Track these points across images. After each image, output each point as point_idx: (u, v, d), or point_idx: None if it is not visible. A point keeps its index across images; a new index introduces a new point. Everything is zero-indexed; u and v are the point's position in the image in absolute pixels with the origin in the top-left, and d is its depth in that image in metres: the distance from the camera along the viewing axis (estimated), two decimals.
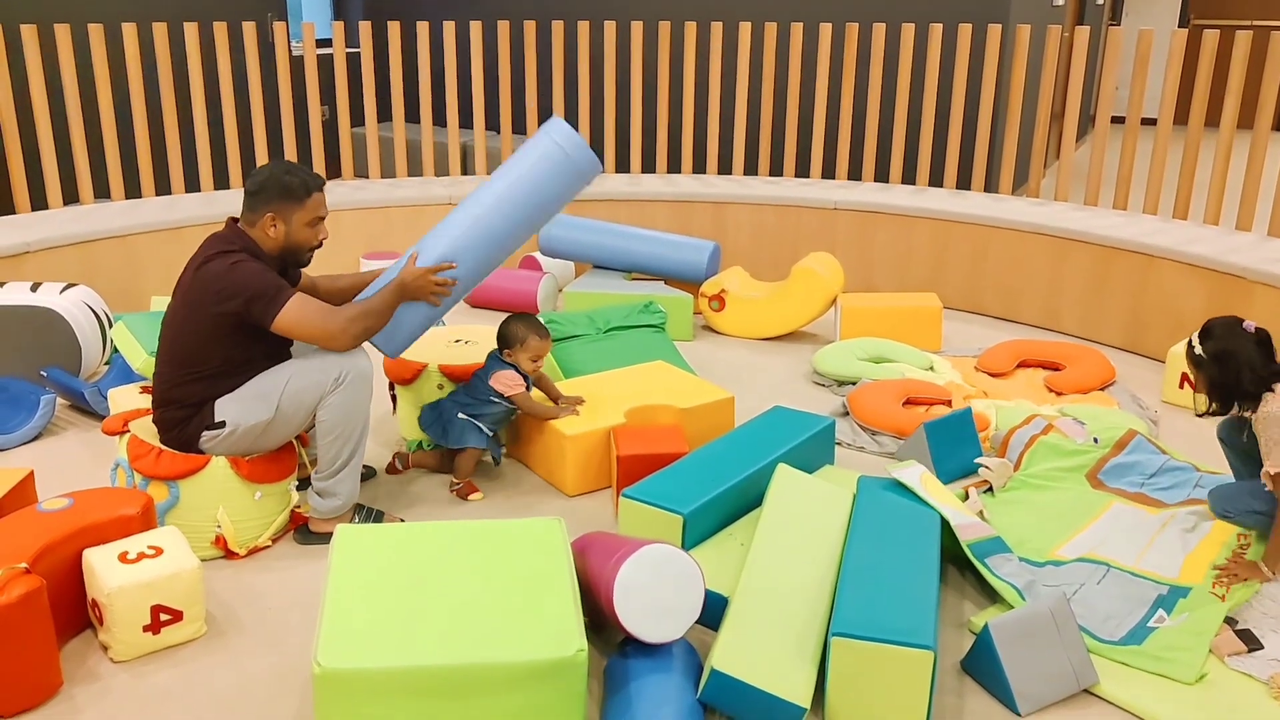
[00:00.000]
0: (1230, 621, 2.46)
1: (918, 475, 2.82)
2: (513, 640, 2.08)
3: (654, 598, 2.22)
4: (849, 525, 2.65)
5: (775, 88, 5.77)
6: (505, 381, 3.18)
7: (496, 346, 3.29)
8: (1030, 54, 6.24)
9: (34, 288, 3.97)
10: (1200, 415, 2.86)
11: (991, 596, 2.65)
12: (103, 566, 2.40)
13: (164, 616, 2.42)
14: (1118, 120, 5.62)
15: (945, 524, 2.69)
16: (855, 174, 5.94)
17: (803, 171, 6.05)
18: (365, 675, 1.99)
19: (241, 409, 2.75)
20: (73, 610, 2.48)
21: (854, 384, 4.06)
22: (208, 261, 2.72)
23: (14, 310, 3.84)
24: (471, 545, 2.38)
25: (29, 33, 4.68)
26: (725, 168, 6.24)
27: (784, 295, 4.65)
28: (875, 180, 5.70)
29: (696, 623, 2.29)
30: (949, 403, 3.82)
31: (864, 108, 5.72)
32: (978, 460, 3.23)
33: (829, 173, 5.97)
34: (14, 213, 4.84)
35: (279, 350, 2.84)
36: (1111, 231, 4.55)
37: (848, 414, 3.79)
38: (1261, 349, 2.71)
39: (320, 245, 2.86)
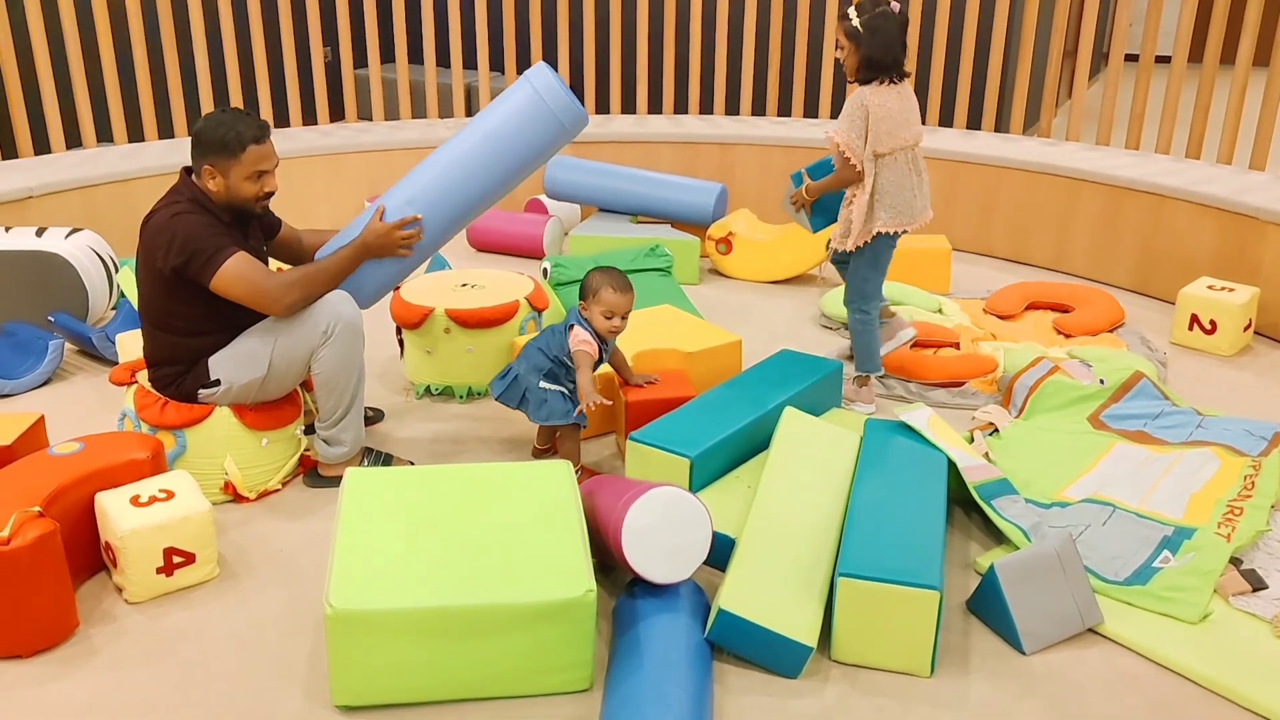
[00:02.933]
0: (1235, 562, 2.47)
1: (925, 418, 2.82)
2: (522, 581, 2.10)
3: (662, 539, 2.24)
4: (855, 467, 2.66)
5: (784, 26, 5.68)
6: (576, 338, 2.86)
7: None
8: None
9: (39, 233, 3.96)
10: (850, 80, 3.22)
11: (997, 537, 2.67)
12: (115, 510, 2.42)
13: (176, 559, 2.45)
14: (1131, 58, 5.52)
15: (952, 466, 2.69)
16: None
17: (811, 112, 5.97)
18: (376, 616, 2.02)
19: (235, 367, 2.75)
20: (86, 553, 2.50)
21: None
22: (154, 214, 2.68)
23: (20, 255, 3.84)
24: (480, 488, 2.40)
25: None
26: (732, 108, 6.17)
27: (792, 239, 4.62)
28: None
29: (704, 564, 2.32)
30: (957, 345, 3.81)
31: None
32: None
33: (838, 113, 5.89)
34: (17, 157, 4.81)
35: (210, 304, 2.73)
36: (1122, 171, 4.50)
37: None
38: (901, 31, 3.13)
39: (268, 197, 2.75)
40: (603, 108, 6.29)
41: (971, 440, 3.06)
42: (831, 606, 2.22)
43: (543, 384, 2.88)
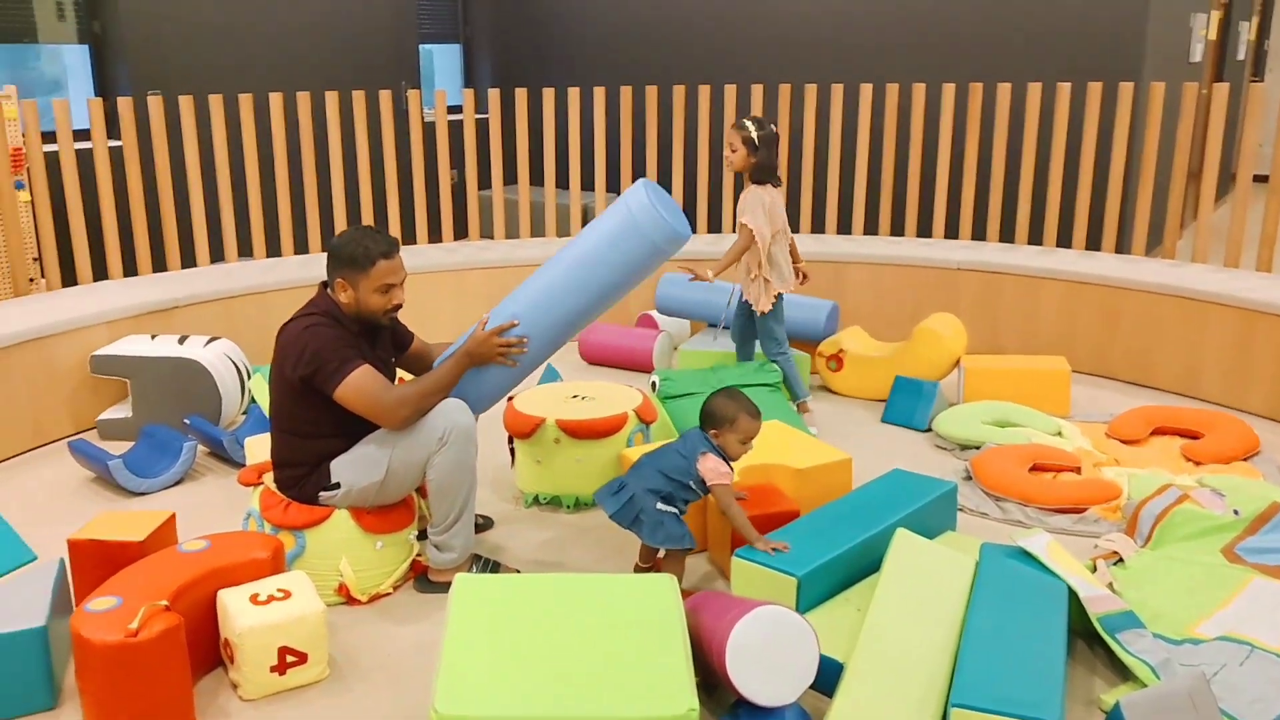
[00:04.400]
0: None
1: (1043, 544, 2.73)
2: (625, 696, 2.08)
3: (767, 659, 2.20)
4: (971, 593, 2.58)
5: (897, 148, 5.75)
6: (713, 470, 2.78)
7: (700, 424, 2.90)
8: (1165, 111, 6.08)
9: (181, 340, 4.20)
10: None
11: (1123, 674, 2.53)
12: (235, 607, 2.50)
13: (290, 658, 2.50)
14: (1261, 179, 5.41)
15: (1073, 596, 2.59)
16: (979, 234, 5.85)
17: (924, 231, 5.98)
18: None
19: (355, 471, 2.85)
20: (207, 647, 2.58)
21: (977, 448, 3.96)
22: (289, 324, 2.84)
23: (163, 361, 4.08)
24: (585, 598, 2.40)
25: (186, 103, 5.01)
26: (844, 228, 6.22)
27: (904, 356, 4.58)
28: (1000, 240, 5.60)
29: (810, 688, 2.26)
30: (1078, 469, 3.69)
31: (989, 167, 5.64)
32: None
33: (952, 233, 5.90)
34: (166, 269, 5.15)
35: (335, 412, 2.85)
36: (1254, 294, 4.36)
37: (971, 478, 3.70)
38: (777, 146, 4.05)
39: (395, 309, 2.88)
40: (715, 226, 6.41)
41: (1094, 569, 2.94)
42: None
43: (659, 506, 2.81)
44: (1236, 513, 3.17)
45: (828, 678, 2.34)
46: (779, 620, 2.22)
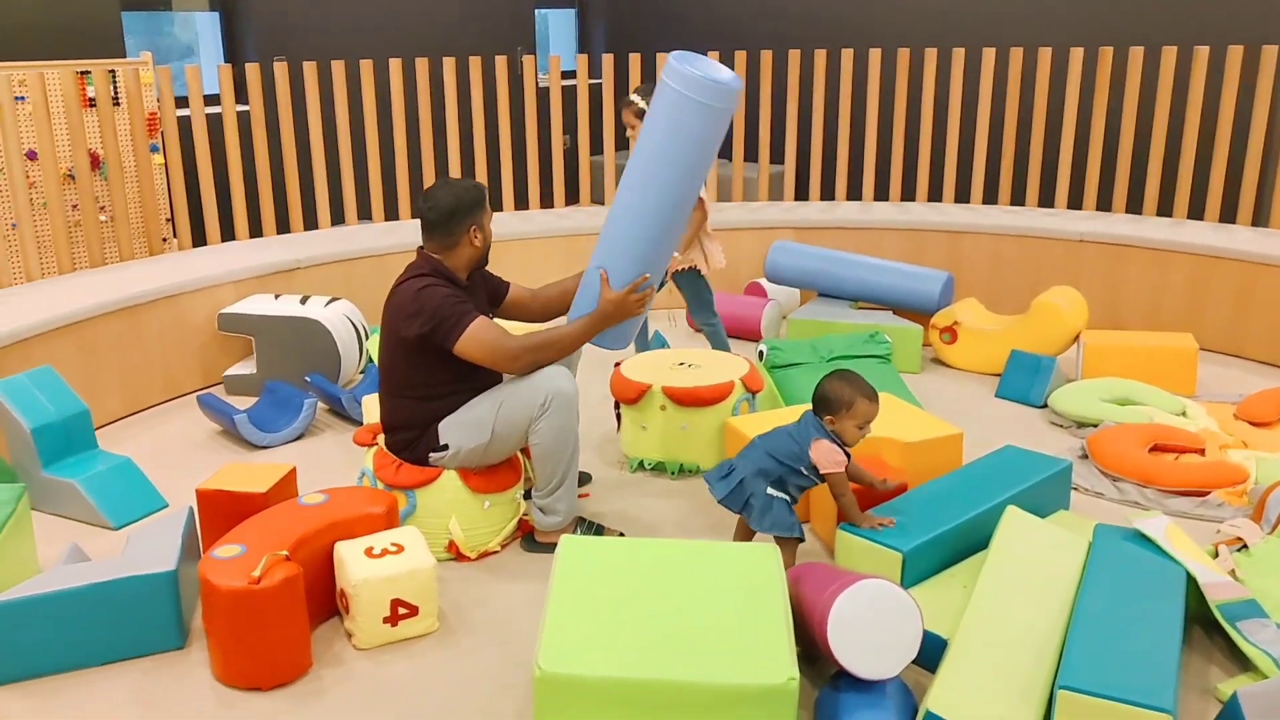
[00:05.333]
0: None
1: (1162, 527, 2.64)
2: (726, 663, 2.10)
3: (869, 632, 2.18)
4: (1083, 574, 2.51)
5: (1020, 114, 5.57)
6: (826, 456, 2.70)
7: (814, 408, 2.80)
8: None
9: (303, 300, 4.35)
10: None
11: (1242, 664, 2.44)
12: (351, 559, 2.60)
13: (402, 610, 2.59)
14: None
15: (1191, 581, 2.50)
16: (1104, 204, 5.63)
17: (1047, 201, 5.78)
18: (582, 681, 2.07)
19: (462, 433, 2.92)
20: (323, 597, 2.69)
21: (1095, 426, 3.84)
22: (399, 287, 2.90)
23: (285, 320, 4.23)
24: (688, 565, 2.42)
25: (309, 69, 5.15)
26: (963, 196, 6.05)
27: (1021, 329, 4.46)
28: (1127, 211, 5.39)
29: (913, 663, 2.24)
30: (1202, 451, 3.55)
31: (1116, 134, 5.41)
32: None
33: (1075, 203, 5.69)
34: (289, 231, 5.33)
35: (487, 371, 2.95)
36: None
37: (1087, 457, 3.59)
38: None
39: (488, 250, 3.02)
40: (828, 195, 6.32)
41: (1215, 555, 2.83)
42: None
43: (769, 490, 2.75)
44: None
45: (931, 653, 2.32)
46: (882, 593, 2.20)
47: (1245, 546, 2.92)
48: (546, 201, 6.22)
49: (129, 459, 3.43)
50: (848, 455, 2.74)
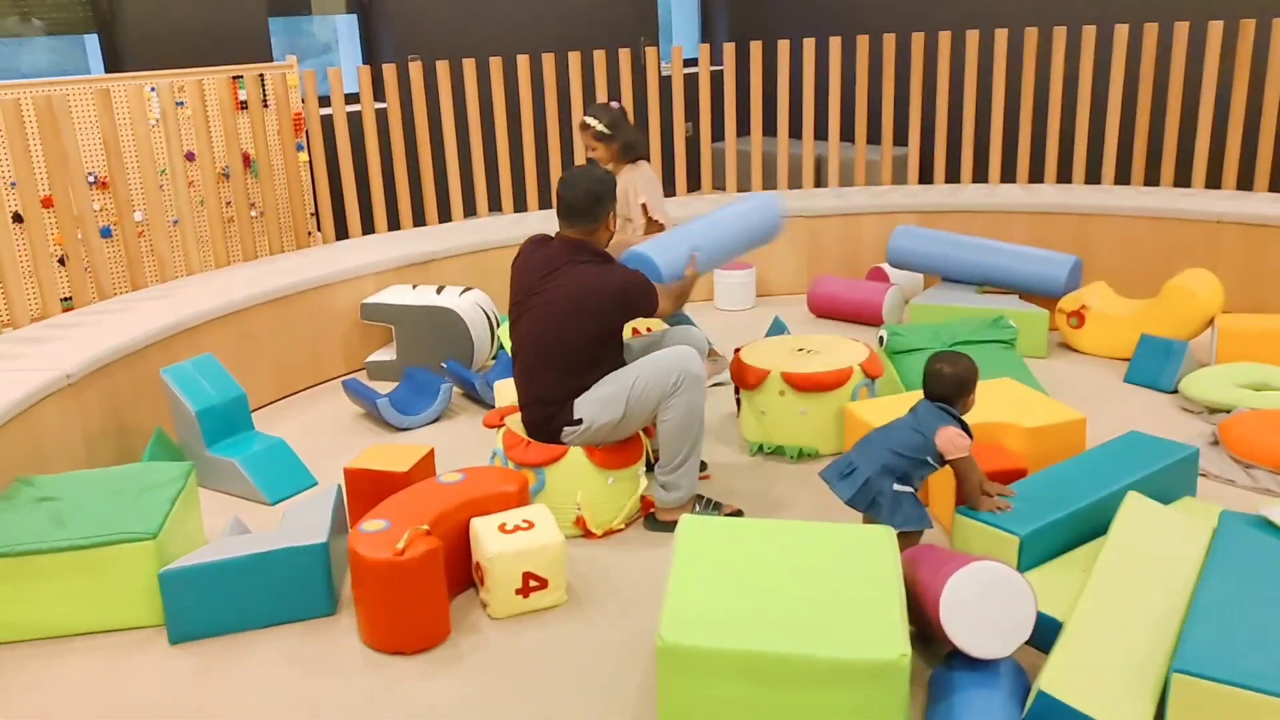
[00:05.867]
0: None
1: None
2: (840, 638, 2.18)
3: (982, 613, 2.23)
4: (1205, 561, 2.50)
5: (1154, 91, 5.41)
6: (954, 441, 2.68)
7: (931, 392, 2.79)
8: None
9: (439, 290, 4.58)
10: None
11: None
12: (486, 534, 2.77)
13: (533, 583, 2.75)
14: None
15: None
16: (1246, 184, 5.43)
17: (1183, 181, 5.60)
18: (703, 652, 2.18)
19: (598, 408, 3.06)
20: (460, 570, 2.87)
21: (1228, 412, 3.75)
22: (573, 275, 3.03)
23: (422, 309, 4.46)
24: (805, 544, 2.51)
25: (442, 67, 5.37)
26: (1093, 177, 5.91)
27: (1153, 314, 4.36)
28: (1270, 190, 5.18)
29: (1027, 644, 2.28)
30: None
31: (1258, 109, 5.20)
32: None
33: (1214, 183, 5.50)
34: (425, 224, 5.58)
35: (619, 347, 3.19)
36: None
37: (1218, 443, 3.52)
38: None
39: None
40: (953, 177, 6.25)
41: None
42: (1164, 706, 2.10)
43: (896, 487, 2.72)
44: None
45: (1046, 635, 2.35)
46: (996, 575, 2.25)
47: None
48: (669, 189, 6.33)
49: (282, 440, 3.70)
50: (970, 435, 2.73)
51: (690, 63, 8.31)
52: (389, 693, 2.50)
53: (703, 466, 3.60)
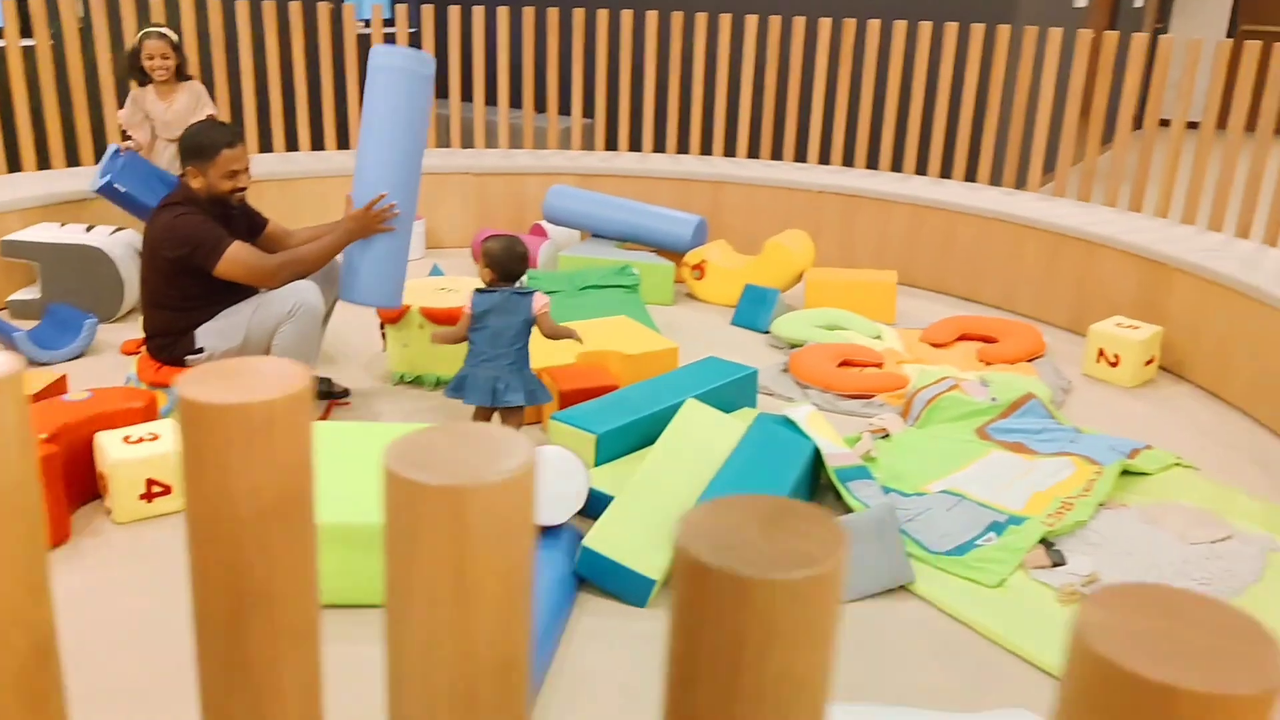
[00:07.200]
0: (1046, 543, 2.84)
1: (805, 414, 3.24)
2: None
3: (543, 488, 2.68)
4: (735, 449, 3.08)
5: (778, 78, 6.16)
6: (541, 300, 3.19)
7: (506, 277, 3.23)
8: (1038, 55, 6.51)
9: (88, 229, 4.57)
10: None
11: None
12: (109, 445, 2.94)
13: (156, 488, 2.95)
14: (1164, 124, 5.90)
15: (818, 453, 3.10)
16: (849, 160, 6.30)
17: (800, 156, 6.42)
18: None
19: (218, 338, 3.30)
20: (85, 480, 3.02)
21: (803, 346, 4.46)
22: (158, 214, 3.26)
23: (69, 248, 4.44)
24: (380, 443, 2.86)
25: (98, 7, 5.28)
26: (730, 150, 6.64)
27: (758, 267, 5.06)
28: (867, 168, 6.07)
29: (588, 516, 2.76)
30: (880, 365, 4.21)
31: (858, 99, 6.08)
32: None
33: (824, 158, 6.35)
34: (80, 165, 5.46)
35: (240, 287, 3.33)
36: (1061, 220, 4.87)
37: (787, 370, 4.20)
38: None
39: (241, 191, 3.31)
40: (611, 145, 6.80)
41: (859, 440, 3.46)
42: None
43: (529, 369, 3.26)
44: (994, 400, 3.70)
45: (603, 508, 2.83)
46: (553, 454, 2.70)
47: (888, 435, 3.57)
48: (343, 144, 6.50)
49: None
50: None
51: (389, 23, 8.44)
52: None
53: (346, 393, 3.90)
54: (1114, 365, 4.16)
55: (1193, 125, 8.25)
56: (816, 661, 0.57)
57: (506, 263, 3.20)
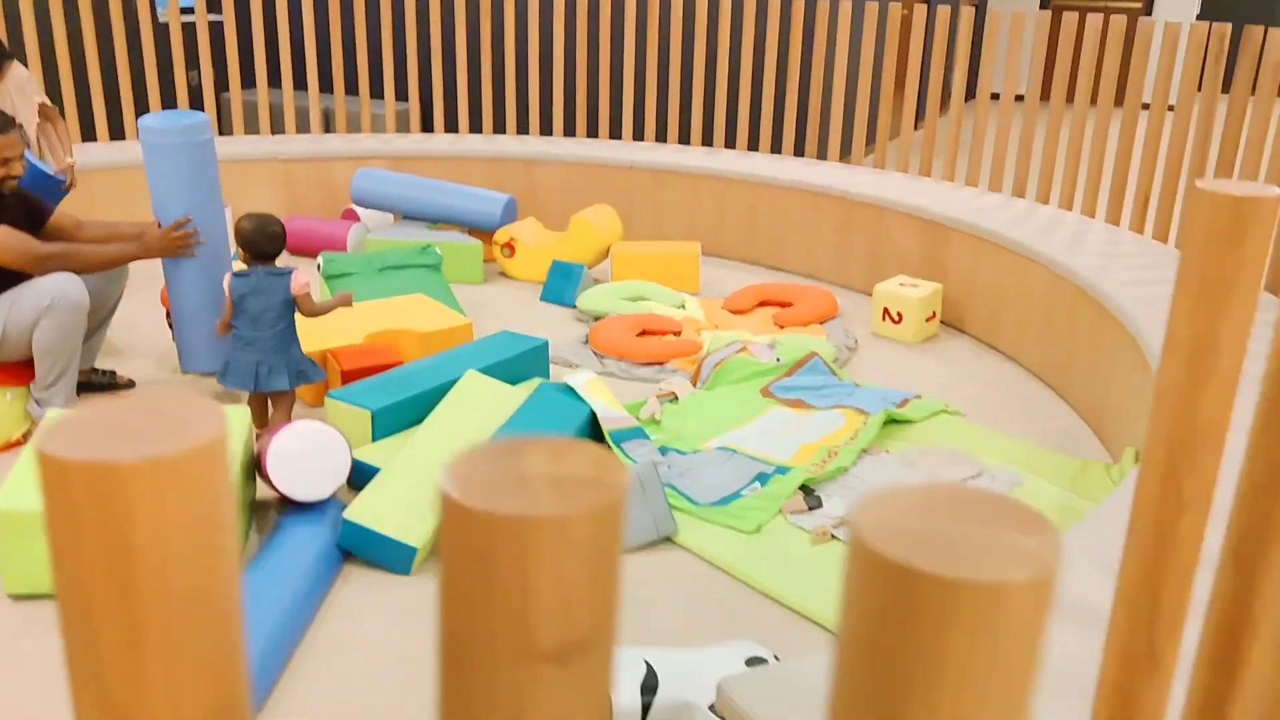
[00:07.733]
0: (806, 489, 2.97)
1: (583, 380, 3.29)
2: None
3: (303, 464, 2.67)
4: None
5: (588, 55, 6.20)
6: (300, 279, 3.17)
7: (260, 258, 3.22)
8: (852, 28, 6.71)
9: None
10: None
11: None
12: None
13: None
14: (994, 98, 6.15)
15: (594, 416, 3.16)
16: (660, 137, 6.40)
17: (615, 134, 6.49)
18: (34, 516, 2.42)
19: None
20: None
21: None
22: None
23: None
24: None
25: None
26: (546, 129, 6.66)
27: (565, 244, 5.10)
28: (679, 143, 6.18)
29: (354, 487, 2.75)
30: (679, 332, 4.31)
31: (668, 73, 6.18)
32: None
33: (641, 136, 6.43)
34: None
35: (4, 276, 3.20)
36: (854, 189, 5.06)
37: (587, 342, 4.26)
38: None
39: (10, 179, 3.19)
40: (427, 127, 6.75)
41: (645, 404, 3.54)
42: None
43: (296, 349, 3.26)
44: (780, 360, 3.83)
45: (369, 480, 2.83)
46: (314, 432, 2.69)
47: (676, 398, 3.67)
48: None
49: None
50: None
51: (187, 10, 8.15)
52: None
53: (131, 385, 3.78)
54: (897, 323, 4.36)
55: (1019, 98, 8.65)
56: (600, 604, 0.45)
57: (259, 242, 3.16)
